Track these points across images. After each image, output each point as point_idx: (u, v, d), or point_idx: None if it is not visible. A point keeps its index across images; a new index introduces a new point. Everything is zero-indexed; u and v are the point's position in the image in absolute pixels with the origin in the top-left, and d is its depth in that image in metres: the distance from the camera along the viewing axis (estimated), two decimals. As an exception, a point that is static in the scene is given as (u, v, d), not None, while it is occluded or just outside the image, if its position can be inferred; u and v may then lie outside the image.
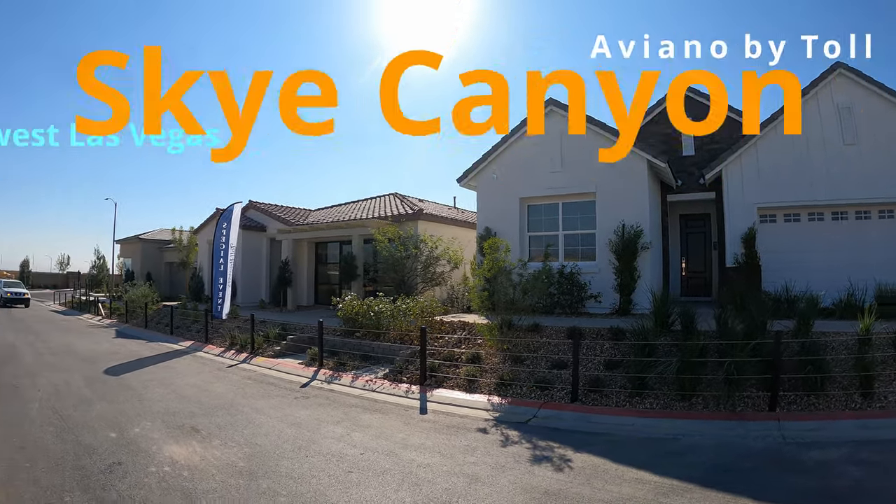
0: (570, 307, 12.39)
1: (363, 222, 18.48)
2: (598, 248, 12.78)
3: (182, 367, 11.65)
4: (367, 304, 12.53)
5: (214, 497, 4.57)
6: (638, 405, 7.13)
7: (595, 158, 12.22)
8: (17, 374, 10.17)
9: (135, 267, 34.02)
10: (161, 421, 7.09)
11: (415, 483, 4.93)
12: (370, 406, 8.09)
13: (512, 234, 13.74)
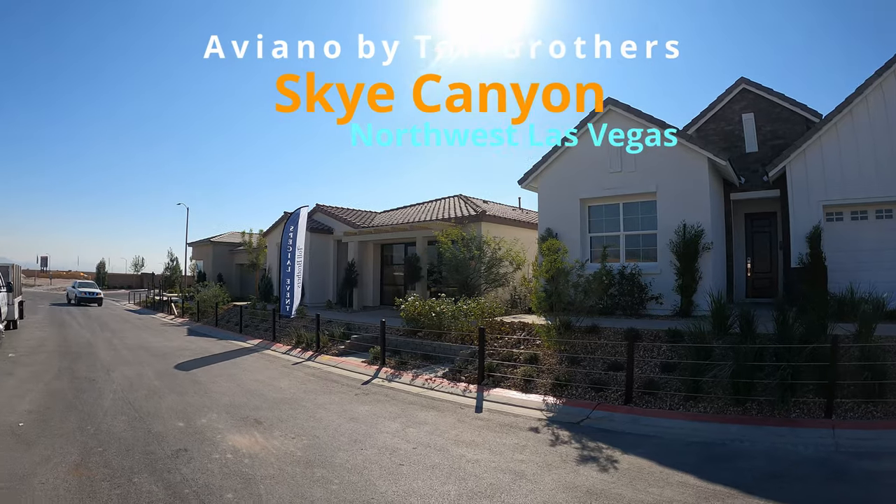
0: (631, 309, 12.38)
1: (427, 224, 18.92)
2: (659, 249, 12.67)
3: (249, 364, 12.34)
4: (428, 305, 12.98)
5: (271, 482, 4.96)
6: (691, 409, 7.13)
7: (655, 158, 12.29)
8: (94, 369, 11.05)
9: (206, 268, 35.85)
10: (226, 413, 7.64)
11: (461, 477, 5.19)
12: (427, 404, 8.43)
13: (573, 235, 13.90)
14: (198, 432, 6.60)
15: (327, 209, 26.29)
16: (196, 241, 38.25)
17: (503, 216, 19.68)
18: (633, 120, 13.27)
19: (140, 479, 4.95)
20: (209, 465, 5.41)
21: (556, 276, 10.38)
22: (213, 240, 35.96)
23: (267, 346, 15.36)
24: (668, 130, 12.59)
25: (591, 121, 13.99)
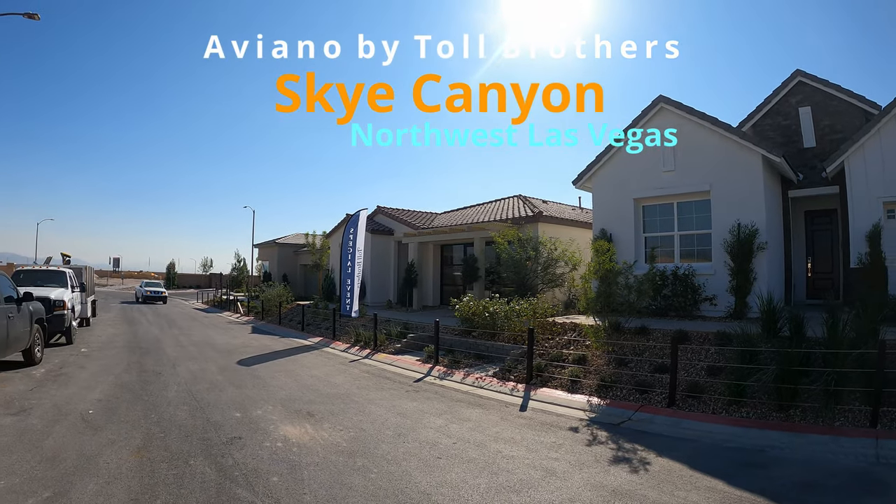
0: (684, 310, 12.25)
1: (483, 225, 19.25)
2: (713, 249, 12.47)
3: (308, 361, 12.99)
4: (482, 305, 13.29)
5: (315, 469, 5.32)
6: (734, 413, 7.06)
7: (709, 155, 12.12)
8: (161, 363, 11.89)
9: (272, 269, 37.34)
10: (281, 405, 8.13)
11: (494, 471, 5.38)
12: (474, 401, 8.71)
13: (627, 235, 13.91)
14: (252, 422, 7.09)
15: (388, 211, 27.03)
16: (262, 243, 39.96)
17: (560, 216, 19.75)
18: (684, 117, 13.11)
19: (195, 462, 5.44)
20: (260, 451, 5.85)
21: (604, 277, 10.46)
22: (278, 241, 37.48)
23: (327, 343, 16.05)
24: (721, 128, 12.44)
25: (643, 120, 13.93)
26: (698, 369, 8.44)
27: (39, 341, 11.19)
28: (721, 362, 8.18)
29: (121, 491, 4.64)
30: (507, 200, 24.29)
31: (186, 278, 70.52)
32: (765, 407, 6.96)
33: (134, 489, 4.70)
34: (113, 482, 4.85)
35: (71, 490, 4.62)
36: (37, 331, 10.94)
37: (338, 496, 4.70)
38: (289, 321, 21.87)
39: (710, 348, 8.93)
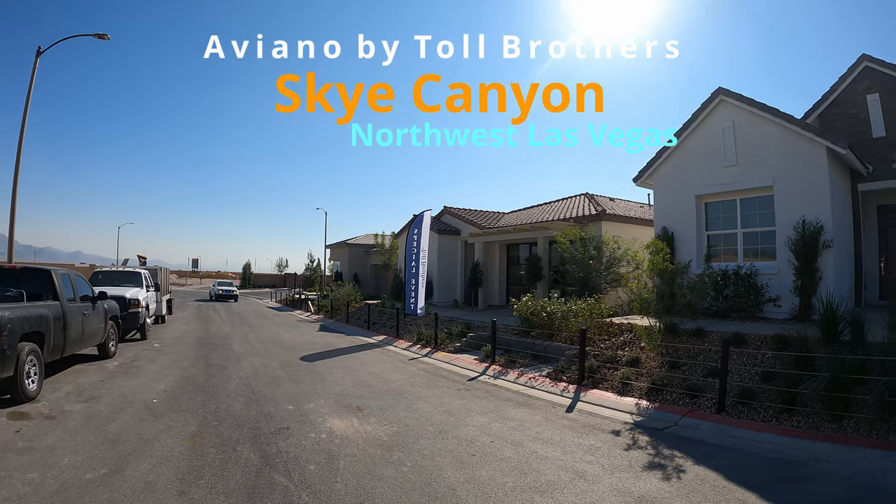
0: (746, 311, 11.79)
1: (546, 224, 19.22)
2: (777, 247, 11.89)
3: (368, 358, 13.40)
4: (540, 305, 13.31)
5: (351, 460, 5.61)
6: (784, 422, 6.75)
7: (771, 149, 11.59)
8: (227, 358, 12.61)
9: (343, 269, 38.28)
10: (333, 400, 8.50)
11: (524, 471, 5.42)
12: (522, 401, 8.80)
13: (689, 233, 13.56)
14: (303, 414, 7.50)
15: (454, 211, 27.34)
16: (333, 244, 41.16)
17: (625, 215, 19.33)
18: (744, 109, 12.58)
19: (242, 448, 5.89)
20: (304, 441, 6.22)
21: (658, 277, 10.25)
22: (349, 242, 38.44)
23: (390, 342, 16.51)
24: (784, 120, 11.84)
25: (702, 113, 13.46)
26: (752, 374, 8.13)
27: (114, 336, 12.26)
28: (777, 367, 7.83)
29: (170, 470, 5.13)
30: (574, 199, 24.01)
31: (262, 278, 73.45)
32: (817, 416, 6.60)
33: (182, 469, 5.18)
34: (164, 463, 5.34)
35: (126, 468, 5.13)
36: (111, 327, 12.04)
37: (367, 486, 4.92)
38: (356, 320, 22.53)
39: (766, 352, 8.55)
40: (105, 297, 11.60)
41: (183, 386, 9.26)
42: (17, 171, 16.57)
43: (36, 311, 8.32)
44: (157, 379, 9.77)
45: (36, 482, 4.72)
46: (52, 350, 8.80)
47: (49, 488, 4.60)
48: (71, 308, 9.60)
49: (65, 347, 9.31)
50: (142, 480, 4.87)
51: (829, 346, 7.31)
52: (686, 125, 13.92)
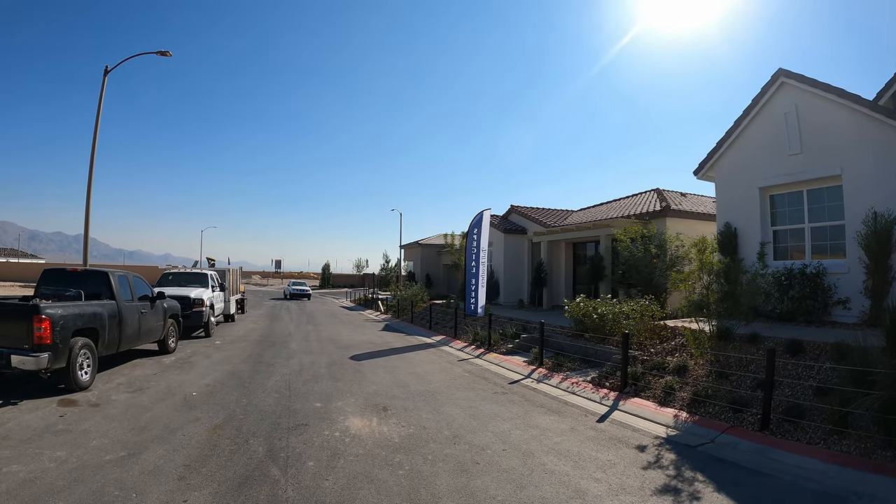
0: (812, 314, 10.63)
1: (608, 222, 18.52)
2: (847, 244, 10.61)
3: (417, 358, 13.31)
4: (591, 306, 12.79)
5: (352, 459, 5.60)
6: (833, 446, 5.85)
7: (837, 134, 10.45)
8: (279, 355, 12.89)
9: (416, 269, 38.13)
10: (363, 399, 8.49)
11: (521, 485, 5.08)
12: (555, 408, 8.40)
13: (752, 228, 12.52)
14: (327, 412, 7.56)
15: (521, 210, 26.79)
16: (407, 244, 41.50)
17: (691, 210, 18.18)
18: (809, 91, 11.36)
19: (254, 442, 6.09)
20: (315, 438, 6.29)
21: (706, 276, 9.48)
22: (421, 242, 38.63)
23: (447, 342, 16.43)
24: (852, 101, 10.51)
25: (763, 98, 12.32)
26: (805, 388, 7.20)
27: (174, 334, 12.94)
28: (835, 380, 6.86)
29: (180, 457, 5.47)
30: (643, 195, 22.84)
31: (341, 278, 75.50)
32: (870, 441, 5.66)
33: (191, 457, 5.49)
34: (178, 450, 5.69)
35: (143, 452, 5.55)
36: (171, 325, 12.71)
37: (354, 487, 4.87)
38: (420, 320, 22.57)
39: (824, 363, 7.57)
40: (163, 297, 12.23)
41: (226, 381, 9.59)
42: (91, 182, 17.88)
43: (90, 309, 9.05)
44: (205, 374, 10.18)
45: (61, 459, 5.26)
46: (108, 345, 9.52)
47: (70, 465, 5.11)
48: (127, 307, 10.29)
49: (120, 343, 9.99)
50: (152, 464, 5.23)
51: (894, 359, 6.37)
52: (746, 111, 12.79)
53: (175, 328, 13.14)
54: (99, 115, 17.75)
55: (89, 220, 17.95)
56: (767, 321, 11.12)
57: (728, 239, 12.83)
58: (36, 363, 7.61)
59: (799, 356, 8.09)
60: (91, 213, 17.77)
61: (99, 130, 17.74)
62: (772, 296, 11.24)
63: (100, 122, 17.72)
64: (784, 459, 5.82)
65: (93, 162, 17.69)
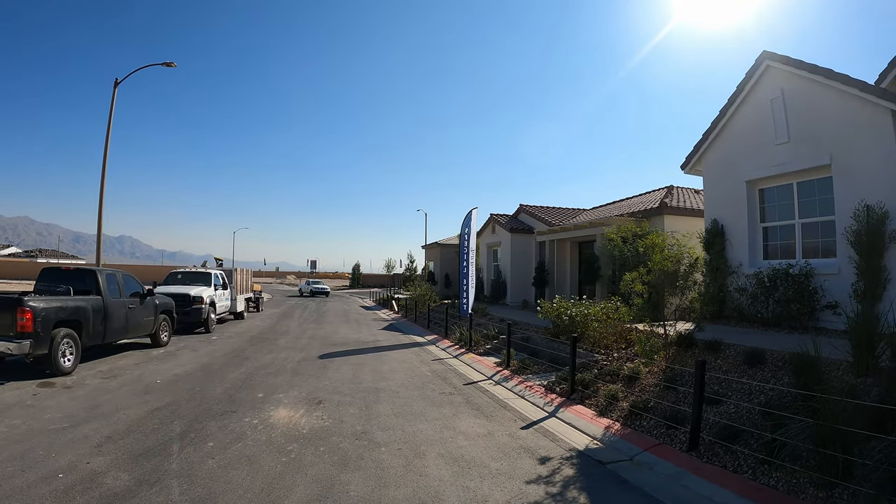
0: (798, 319, 9.55)
1: (603, 221, 17.65)
2: (837, 241, 9.45)
3: (393, 357, 12.89)
4: (563, 307, 12.11)
5: (251, 443, 5.80)
6: (760, 477, 4.87)
7: (826, 119, 9.34)
8: (260, 351, 12.81)
9: (436, 269, 37.24)
10: (306, 393, 8.44)
11: (385, 484, 4.91)
12: (490, 411, 7.94)
13: (740, 225, 11.53)
14: (261, 403, 7.68)
15: (529, 209, 25.94)
16: (428, 245, 41.42)
17: (690, 207, 17.09)
18: (795, 74, 10.29)
19: (177, 423, 6.48)
20: (232, 424, 6.49)
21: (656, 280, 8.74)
22: (441, 242, 38.24)
23: (436, 341, 16.00)
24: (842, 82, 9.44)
25: (748, 84, 11.28)
26: (751, 408, 6.19)
27: (166, 328, 13.12)
28: (787, 400, 5.86)
29: (108, 430, 6.21)
30: (652, 193, 21.87)
31: (370, 278, 75.57)
32: (804, 477, 4.61)
33: (118, 431, 6.19)
34: (111, 425, 6.39)
35: (81, 425, 6.28)
36: (163, 320, 12.92)
37: (231, 466, 5.14)
38: (424, 319, 22.13)
39: (783, 377, 6.63)
40: (153, 294, 12.49)
41: (195, 372, 9.87)
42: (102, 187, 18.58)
43: (73, 303, 9.62)
44: (181, 365, 10.46)
45: (14, 426, 6.14)
46: (92, 336, 10.07)
47: (19, 431, 5.97)
48: (113, 302, 10.75)
49: (105, 335, 10.50)
50: (82, 434, 5.91)
51: (868, 375, 5.40)
52: (732, 99, 11.73)
53: (168, 323, 13.42)
54: (110, 124, 18.35)
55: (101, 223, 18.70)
56: (750, 326, 10.24)
57: (714, 237, 11.89)
58: (19, 349, 8.44)
59: (757, 368, 7.14)
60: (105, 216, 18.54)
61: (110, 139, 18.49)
62: (757, 298, 10.26)
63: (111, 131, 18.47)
64: (697, 488, 4.96)
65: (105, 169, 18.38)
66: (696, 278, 10.72)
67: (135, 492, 4.45)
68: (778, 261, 10.71)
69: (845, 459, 4.44)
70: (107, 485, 4.57)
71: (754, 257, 11.39)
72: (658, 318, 8.87)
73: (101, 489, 4.48)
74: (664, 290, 9.05)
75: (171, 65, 18.63)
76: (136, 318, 11.67)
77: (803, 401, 5.16)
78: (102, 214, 18.45)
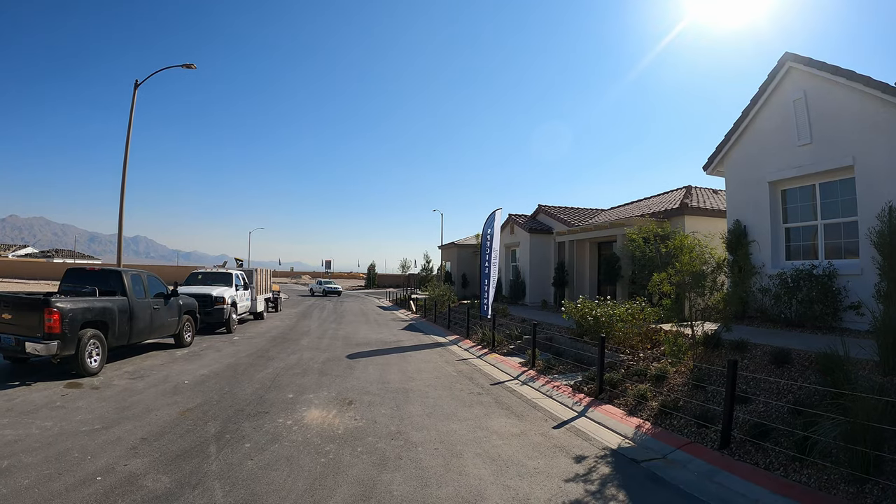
0: (822, 319, 9.57)
1: (624, 221, 17.66)
2: (860, 242, 9.45)
3: (418, 357, 12.99)
4: (588, 308, 12.20)
5: (287, 444, 5.80)
6: (792, 474, 4.96)
7: (849, 120, 9.41)
8: (284, 351, 12.93)
9: (453, 269, 37.19)
10: (336, 393, 8.49)
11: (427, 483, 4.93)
12: (520, 411, 7.99)
13: (762, 226, 11.55)
14: (293, 403, 7.71)
15: (548, 209, 25.97)
16: (444, 245, 41.35)
17: (711, 208, 17.04)
18: (817, 75, 10.34)
19: (211, 424, 6.50)
20: (266, 425, 6.51)
21: (682, 282, 8.80)
22: (458, 243, 38.06)
23: (457, 342, 16.13)
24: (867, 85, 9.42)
25: (770, 85, 11.33)
26: (779, 406, 6.27)
27: (189, 329, 13.28)
28: (816, 398, 5.96)
29: (142, 431, 6.20)
30: (671, 193, 21.82)
31: (386, 278, 75.78)
32: (834, 473, 4.73)
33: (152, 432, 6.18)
34: (144, 426, 6.37)
35: (114, 427, 6.27)
36: (186, 320, 13.08)
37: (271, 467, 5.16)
38: (443, 320, 22.25)
39: (810, 377, 6.65)
40: (177, 295, 12.62)
41: (222, 372, 9.94)
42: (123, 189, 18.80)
43: (100, 304, 9.64)
44: (206, 365, 10.55)
45: (46, 428, 6.12)
46: (118, 337, 10.11)
47: (52, 433, 5.93)
48: (139, 303, 10.84)
49: (131, 335, 10.54)
50: (116, 436, 5.90)
51: (886, 376, 5.46)
52: (754, 100, 11.77)
53: (191, 323, 13.56)
54: (130, 126, 18.57)
55: (122, 224, 18.88)
56: (774, 326, 10.26)
57: (737, 238, 11.90)
58: (46, 349, 8.44)
59: (784, 367, 7.17)
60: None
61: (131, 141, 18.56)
62: (780, 299, 10.28)
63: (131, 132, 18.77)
64: (731, 485, 5.03)
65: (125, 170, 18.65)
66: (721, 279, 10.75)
67: (177, 494, 4.45)
68: (801, 261, 10.73)
69: (876, 455, 4.56)
70: (147, 487, 4.56)
71: (777, 258, 11.39)
72: (685, 318, 8.76)
73: (142, 492, 4.46)
74: (691, 290, 8.89)
75: (191, 66, 18.87)
76: (160, 318, 11.80)
77: (832, 399, 5.29)
78: (123, 215, 18.66)
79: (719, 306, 9.94)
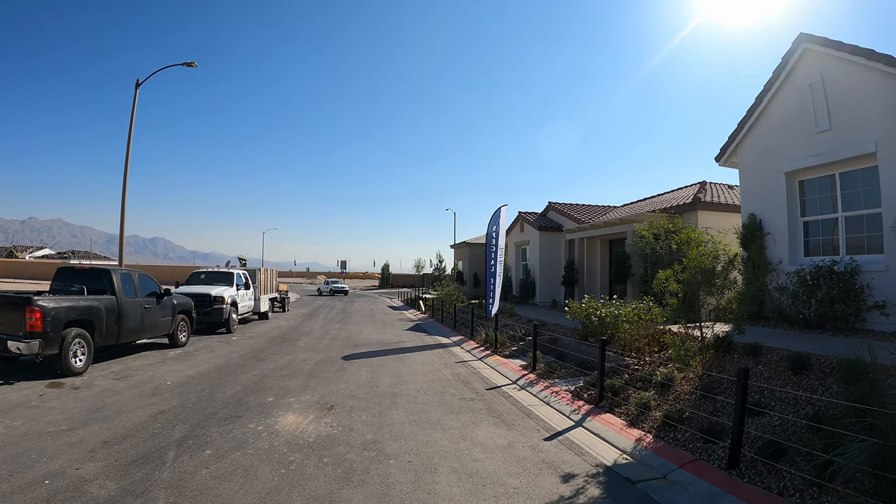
0: (843, 320, 8.79)
1: (635, 217, 17.02)
2: (885, 235, 8.68)
3: (416, 359, 12.53)
4: (593, 307, 11.67)
5: (250, 452, 5.49)
6: (809, 502, 4.26)
7: (869, 103, 8.66)
8: (279, 352, 12.59)
9: (464, 268, 36.50)
10: (319, 397, 8.12)
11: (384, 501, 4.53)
12: (512, 420, 7.48)
13: (779, 220, 10.81)
14: (270, 407, 7.38)
15: (558, 207, 25.30)
16: (456, 244, 40.88)
17: (724, 203, 16.27)
18: (835, 56, 9.59)
19: (178, 428, 6.25)
20: (234, 431, 6.21)
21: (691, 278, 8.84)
22: (469, 242, 37.52)
23: (461, 343, 15.71)
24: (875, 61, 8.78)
25: (785, 69, 10.58)
26: (797, 421, 5.51)
27: (184, 328, 13.01)
28: (838, 411, 5.20)
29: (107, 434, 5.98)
30: (684, 189, 21.00)
31: (400, 278, 75.42)
32: (858, 501, 4.02)
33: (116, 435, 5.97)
34: (110, 429, 6.17)
35: (80, 428, 6.11)
36: (181, 320, 12.82)
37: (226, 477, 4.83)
38: (450, 320, 21.77)
39: (831, 386, 5.93)
40: (170, 294, 12.37)
41: (208, 373, 9.63)
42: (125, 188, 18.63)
43: (85, 303, 9.42)
44: (195, 366, 10.25)
45: (13, 427, 6.00)
46: (106, 336, 9.90)
47: (17, 432, 5.82)
48: (128, 302, 10.57)
49: (119, 335, 10.32)
50: (79, 438, 5.72)
51: None
52: (768, 85, 10.99)
53: (187, 323, 13.32)
54: (132, 125, 18.44)
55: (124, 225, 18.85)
56: (791, 327, 9.55)
57: (752, 232, 11.18)
58: (28, 348, 8.32)
59: (802, 375, 6.41)
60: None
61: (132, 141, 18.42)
62: (798, 298, 9.55)
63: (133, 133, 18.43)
64: None
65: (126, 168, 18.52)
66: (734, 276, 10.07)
67: (118, 503, 4.23)
68: (820, 257, 9.99)
69: None
70: (91, 494, 4.34)
71: (795, 254, 10.68)
72: (693, 319, 8.16)
73: (84, 498, 4.26)
74: (700, 289, 8.27)
75: (191, 65, 18.58)
76: (152, 318, 11.53)
77: (857, 414, 4.58)
78: (125, 215, 18.47)
79: (732, 306, 9.24)
